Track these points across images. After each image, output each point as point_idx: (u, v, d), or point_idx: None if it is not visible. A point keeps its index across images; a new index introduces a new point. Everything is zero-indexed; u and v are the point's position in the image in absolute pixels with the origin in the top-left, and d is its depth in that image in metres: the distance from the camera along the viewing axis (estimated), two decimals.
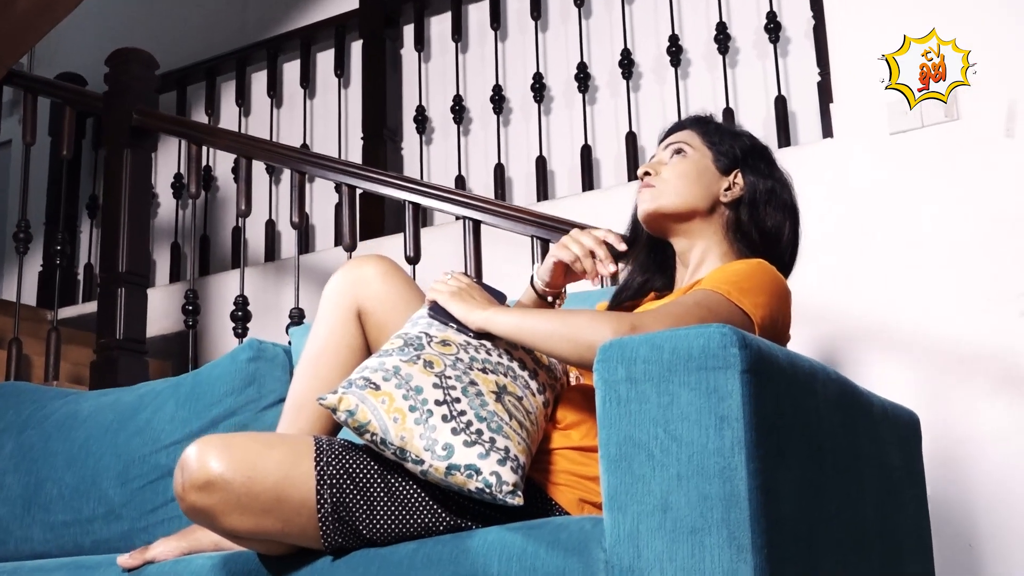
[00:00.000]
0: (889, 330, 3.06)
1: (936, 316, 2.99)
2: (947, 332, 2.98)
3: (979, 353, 2.95)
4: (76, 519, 2.34)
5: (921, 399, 2.98)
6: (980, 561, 2.89)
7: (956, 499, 2.95)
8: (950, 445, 2.96)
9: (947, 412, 2.96)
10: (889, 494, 1.80)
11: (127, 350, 3.16)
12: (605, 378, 1.39)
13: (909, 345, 3.02)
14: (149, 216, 3.42)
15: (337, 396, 1.49)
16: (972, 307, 2.96)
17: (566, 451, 1.64)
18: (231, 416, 2.32)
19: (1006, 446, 2.89)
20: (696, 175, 1.82)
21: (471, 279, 1.76)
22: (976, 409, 2.93)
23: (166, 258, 4.91)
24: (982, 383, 2.94)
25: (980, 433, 2.92)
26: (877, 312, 3.07)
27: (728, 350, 1.32)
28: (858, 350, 3.10)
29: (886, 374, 3.02)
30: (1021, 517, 2.85)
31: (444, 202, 2.75)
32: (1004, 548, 2.87)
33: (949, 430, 2.95)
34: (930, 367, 3.00)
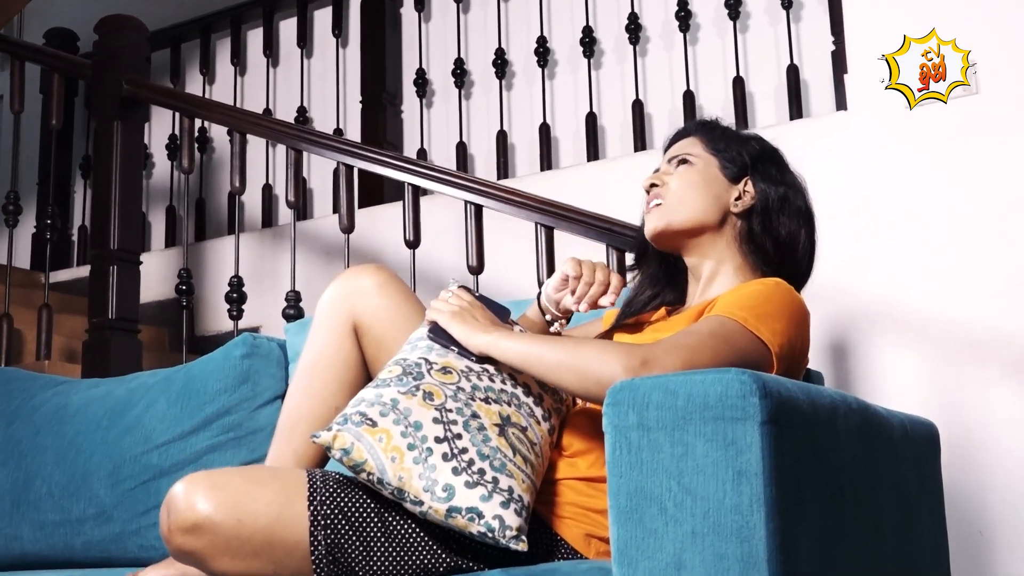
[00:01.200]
0: (901, 312, 2.99)
1: (949, 298, 2.92)
2: (960, 315, 2.91)
3: (993, 337, 2.88)
4: (66, 519, 2.28)
5: (933, 384, 2.92)
6: (990, 549, 2.84)
7: (967, 486, 2.89)
8: (962, 432, 2.90)
9: (959, 398, 2.91)
10: (907, 518, 1.73)
11: (120, 330, 3.08)
12: (615, 423, 1.30)
13: (921, 328, 2.95)
14: (141, 191, 3.31)
15: (331, 434, 1.42)
16: (986, 290, 2.89)
17: (572, 481, 1.56)
18: (225, 415, 2.24)
19: (1018, 433, 2.83)
20: (704, 185, 1.72)
21: (472, 295, 1.67)
22: (989, 395, 2.87)
23: (161, 221, 4.82)
24: (995, 368, 2.88)
25: (992, 420, 2.86)
26: (889, 293, 3.00)
27: (748, 399, 1.24)
28: (869, 332, 3.03)
29: (897, 359, 2.96)
30: None
31: (445, 184, 2.65)
32: (1015, 536, 2.82)
33: (961, 416, 2.90)
34: (942, 351, 2.93)
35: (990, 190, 2.88)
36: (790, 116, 3.42)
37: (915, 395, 2.94)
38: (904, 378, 2.95)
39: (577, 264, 1.66)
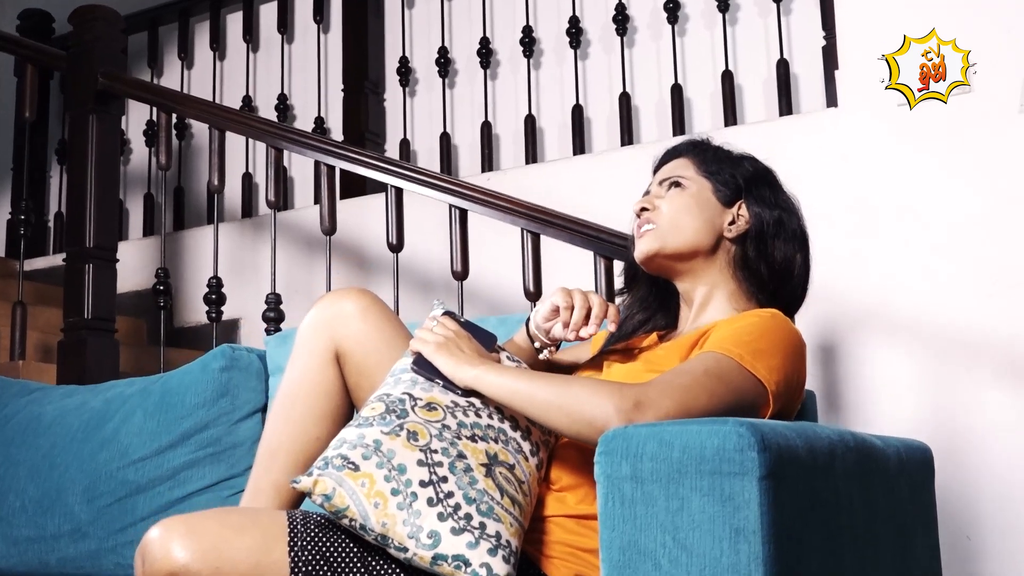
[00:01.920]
0: (893, 312, 2.96)
1: (942, 299, 2.89)
2: (953, 316, 2.88)
3: (985, 339, 2.85)
4: (40, 535, 2.23)
5: (924, 386, 2.89)
6: (978, 554, 2.82)
7: (956, 490, 2.87)
8: (951, 434, 2.87)
9: (950, 399, 2.88)
10: (903, 548, 1.70)
11: (96, 330, 3.01)
12: (608, 473, 1.26)
13: (913, 329, 2.92)
14: (118, 187, 3.24)
15: (312, 479, 1.36)
16: (980, 291, 2.86)
17: (561, 519, 1.51)
18: (203, 430, 2.19)
19: (1010, 437, 2.81)
20: (697, 210, 1.66)
21: (458, 322, 1.62)
22: (980, 397, 2.85)
23: (139, 209, 4.74)
24: (987, 370, 2.85)
25: (983, 422, 2.84)
26: (881, 293, 2.96)
27: (745, 453, 1.19)
28: (860, 332, 2.99)
29: (888, 359, 2.93)
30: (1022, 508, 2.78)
31: (429, 187, 2.59)
32: (1003, 540, 2.80)
33: (951, 418, 2.87)
34: (934, 352, 2.90)
35: (984, 190, 2.84)
36: (780, 112, 3.37)
37: (906, 397, 2.91)
38: (895, 379, 2.92)
39: (568, 295, 1.60)
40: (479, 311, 3.32)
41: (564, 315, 1.60)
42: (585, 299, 1.59)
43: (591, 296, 1.60)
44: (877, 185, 2.94)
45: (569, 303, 1.59)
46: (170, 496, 2.16)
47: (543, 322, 1.65)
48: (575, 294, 1.60)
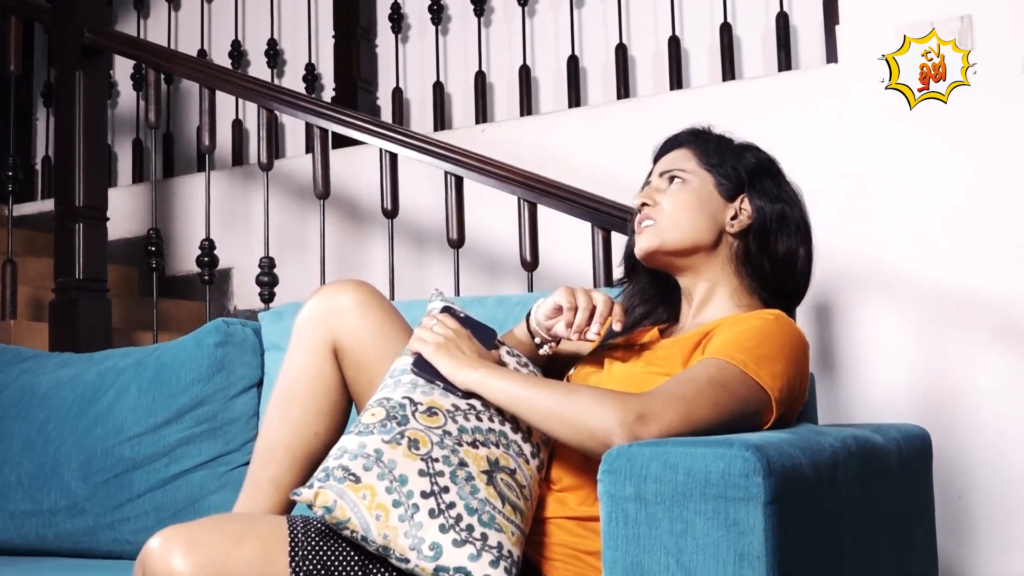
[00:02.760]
0: (888, 274, 2.95)
1: (939, 262, 2.88)
2: (949, 279, 2.88)
3: (981, 303, 2.85)
4: (37, 509, 2.23)
5: (918, 348, 2.89)
6: (969, 513, 2.85)
7: (948, 450, 2.89)
8: (944, 397, 2.89)
9: (944, 363, 2.89)
10: (900, 541, 1.71)
11: (87, 290, 2.99)
12: (611, 492, 1.25)
13: (908, 291, 2.92)
14: (106, 144, 3.19)
15: (313, 491, 1.35)
16: (975, 254, 2.86)
17: (562, 520, 1.51)
18: (198, 406, 2.18)
19: (1002, 399, 2.83)
20: (699, 206, 1.64)
21: (458, 318, 1.60)
22: (974, 361, 2.86)
23: (128, 154, 4.68)
24: (981, 334, 2.86)
25: (976, 386, 2.85)
26: (877, 254, 2.96)
27: (751, 479, 1.18)
28: (856, 293, 2.99)
29: (884, 321, 2.93)
30: (1013, 471, 2.81)
31: (424, 153, 2.55)
32: (995, 501, 2.83)
33: (944, 381, 2.88)
34: (929, 315, 2.90)
35: (984, 154, 2.82)
36: (778, 67, 3.32)
37: (899, 359, 2.92)
38: (889, 341, 2.93)
39: (571, 295, 1.58)
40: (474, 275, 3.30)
41: (567, 316, 1.58)
42: (589, 300, 1.57)
43: (595, 296, 1.58)
44: (876, 146, 2.91)
45: (573, 304, 1.57)
46: (166, 473, 2.16)
47: (545, 320, 1.63)
48: (579, 294, 1.58)
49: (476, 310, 2.05)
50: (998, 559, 2.82)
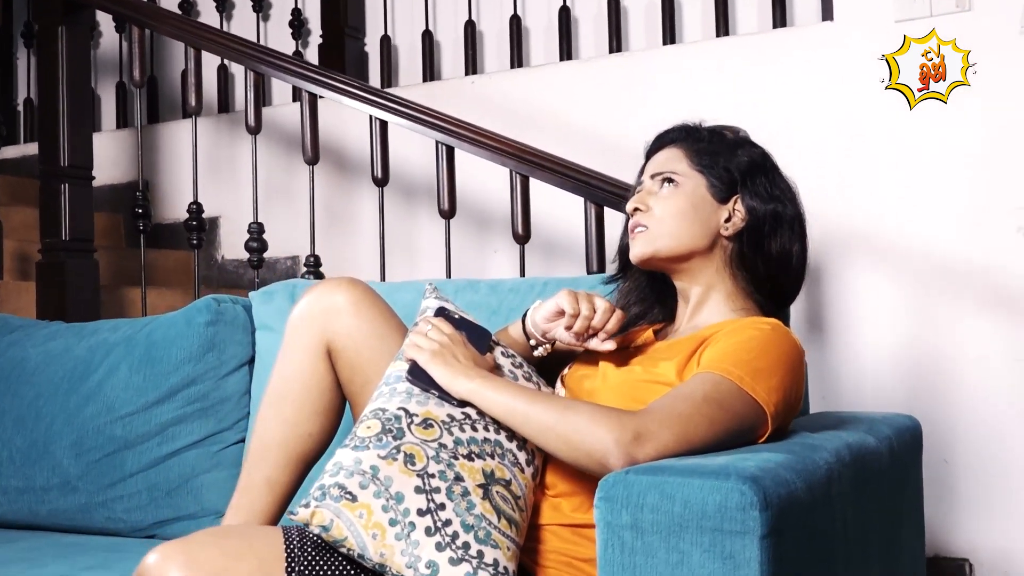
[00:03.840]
0: (879, 239, 2.95)
1: (928, 226, 2.88)
2: (938, 244, 2.88)
3: (969, 269, 2.86)
4: (30, 486, 2.23)
5: (907, 313, 2.90)
6: (954, 477, 2.89)
7: (936, 415, 2.92)
8: (931, 362, 2.91)
9: (932, 328, 2.90)
10: (890, 540, 1.72)
11: (74, 251, 2.96)
12: (608, 520, 1.25)
13: (898, 256, 2.92)
14: (91, 102, 3.14)
15: (309, 511, 1.35)
16: (967, 220, 2.85)
17: (556, 528, 1.52)
18: (190, 385, 2.18)
19: (989, 365, 2.85)
20: (692, 211, 1.62)
21: (452, 320, 1.59)
22: (962, 326, 2.87)
23: (111, 97, 4.61)
24: (969, 300, 2.87)
25: (964, 352, 2.87)
26: (867, 218, 2.96)
27: (747, 513, 1.19)
28: (845, 256, 2.99)
29: (872, 285, 2.94)
30: (998, 437, 2.84)
31: (415, 122, 2.51)
32: (979, 466, 2.87)
33: (932, 347, 2.90)
34: (918, 281, 2.91)
35: (978, 115, 2.80)
36: (773, 23, 3.28)
37: (887, 323, 2.93)
38: (878, 305, 2.94)
39: (574, 300, 1.57)
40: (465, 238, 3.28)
41: (569, 321, 1.57)
42: (591, 306, 1.56)
43: (597, 302, 1.57)
44: (869, 107, 2.89)
45: (576, 310, 1.56)
46: (159, 452, 2.16)
47: (543, 322, 1.62)
48: (582, 300, 1.57)
49: (468, 296, 2.04)
50: (983, 520, 2.86)
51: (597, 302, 1.57)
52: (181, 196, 4.06)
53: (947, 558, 2.88)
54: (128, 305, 3.30)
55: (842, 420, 1.78)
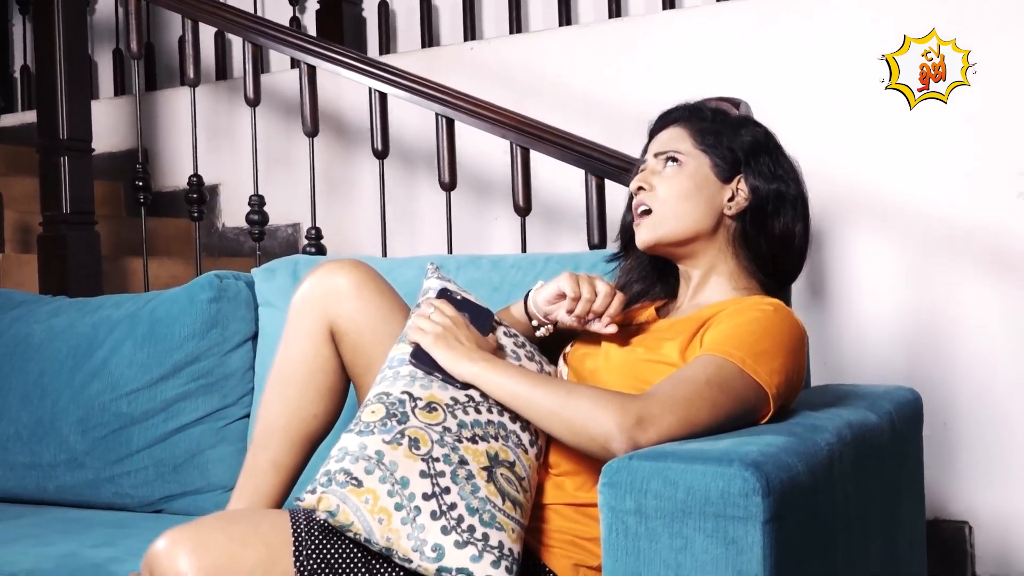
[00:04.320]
0: (880, 202, 2.96)
1: (929, 190, 2.89)
2: (939, 208, 2.89)
3: (970, 233, 2.87)
4: (37, 463, 2.25)
5: (907, 276, 2.92)
6: (954, 440, 2.91)
7: (936, 379, 2.94)
8: (932, 327, 2.92)
9: (932, 291, 2.92)
10: (891, 516, 1.74)
11: (75, 223, 2.96)
12: (611, 505, 1.27)
13: (899, 219, 2.93)
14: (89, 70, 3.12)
15: (316, 496, 1.37)
16: (968, 183, 2.86)
17: (560, 507, 1.53)
18: (194, 362, 2.19)
19: (988, 329, 2.86)
20: (696, 191, 1.62)
21: (454, 301, 1.60)
22: (962, 290, 2.89)
23: (108, 64, 4.58)
24: (971, 264, 2.88)
25: (965, 316, 2.89)
26: (868, 180, 2.97)
27: (750, 499, 1.20)
28: (846, 219, 3.00)
29: (873, 248, 2.95)
30: (997, 399, 2.86)
31: (414, 94, 2.51)
32: (980, 429, 2.89)
33: (932, 310, 2.92)
34: (919, 244, 2.92)
35: (982, 81, 2.80)
36: None
37: (887, 286, 2.94)
38: (878, 268, 2.95)
39: (575, 283, 1.57)
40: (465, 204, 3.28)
41: (570, 304, 1.57)
42: (592, 289, 1.56)
43: (599, 285, 1.57)
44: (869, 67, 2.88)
45: (577, 293, 1.56)
46: (164, 428, 2.18)
47: (545, 304, 1.63)
48: (583, 283, 1.57)
49: (471, 272, 2.05)
50: (982, 483, 2.88)
51: (598, 285, 1.57)
52: (180, 164, 4.05)
53: (947, 521, 2.91)
54: (130, 276, 3.31)
55: (843, 395, 1.79)
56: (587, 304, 1.56)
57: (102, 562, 1.76)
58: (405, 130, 3.36)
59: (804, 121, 3.00)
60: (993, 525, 2.87)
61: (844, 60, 2.92)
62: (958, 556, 2.87)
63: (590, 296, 1.56)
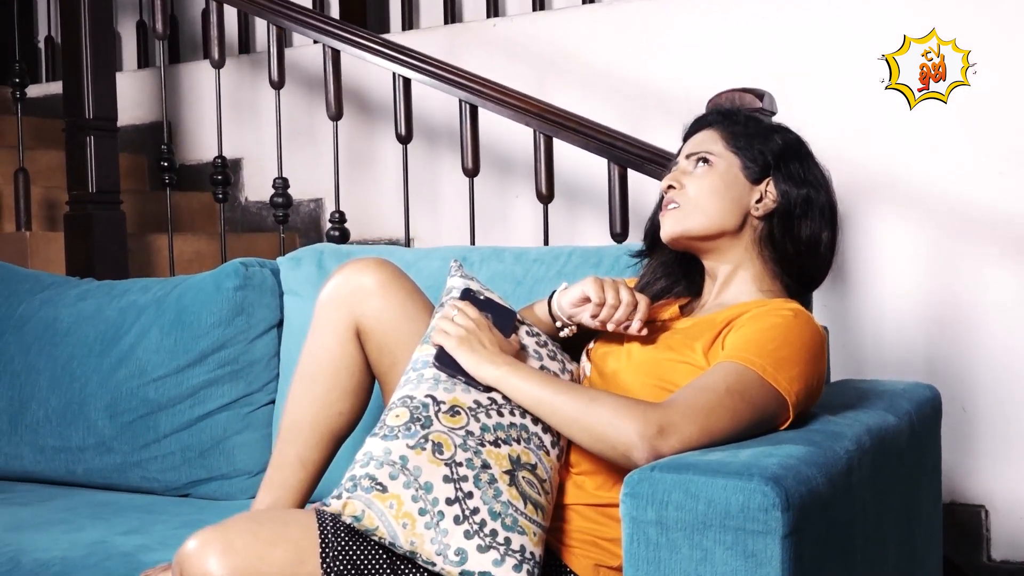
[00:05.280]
0: (902, 186, 2.96)
1: (953, 174, 2.89)
2: (963, 192, 2.89)
3: (993, 216, 2.87)
4: (66, 446, 2.29)
5: (929, 260, 2.92)
6: (972, 424, 2.93)
7: (954, 363, 2.95)
8: (953, 310, 2.93)
9: (954, 276, 2.92)
10: (909, 512, 1.76)
11: (102, 203, 2.99)
12: (633, 515, 1.29)
13: (921, 203, 2.94)
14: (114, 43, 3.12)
15: (341, 502, 1.40)
16: (990, 167, 2.86)
17: (580, 507, 1.56)
18: (220, 349, 2.22)
19: (1010, 313, 2.87)
20: (724, 190, 1.63)
21: (478, 301, 1.62)
22: (984, 274, 2.89)
23: (132, 36, 4.59)
24: (993, 248, 2.88)
25: (985, 299, 2.89)
26: (891, 164, 2.97)
27: (770, 513, 1.22)
28: (869, 203, 3.00)
29: (895, 232, 2.95)
30: (1017, 384, 2.87)
31: (439, 80, 2.51)
32: (998, 413, 2.90)
33: (954, 294, 2.92)
34: (941, 228, 2.93)
35: (1002, 64, 2.78)
36: None
37: (909, 269, 2.95)
38: (900, 252, 2.95)
39: (600, 288, 1.59)
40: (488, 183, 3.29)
41: (594, 310, 1.59)
42: (617, 296, 1.58)
43: (623, 291, 1.59)
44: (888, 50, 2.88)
45: (602, 299, 1.58)
46: (191, 414, 2.21)
47: (569, 307, 1.64)
48: (607, 289, 1.58)
49: (494, 265, 2.06)
50: (999, 467, 2.90)
51: (622, 293, 1.58)
52: (204, 137, 4.07)
53: (963, 504, 2.93)
54: (155, 253, 3.34)
55: (862, 395, 1.80)
56: (611, 310, 1.58)
57: (131, 551, 1.79)
58: (428, 109, 3.37)
59: (824, 101, 3.00)
60: (1009, 509, 2.88)
61: (869, 41, 2.90)
62: (974, 540, 2.90)
63: (614, 302, 1.57)
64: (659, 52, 3.23)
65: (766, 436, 1.46)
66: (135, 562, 1.74)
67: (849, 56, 2.94)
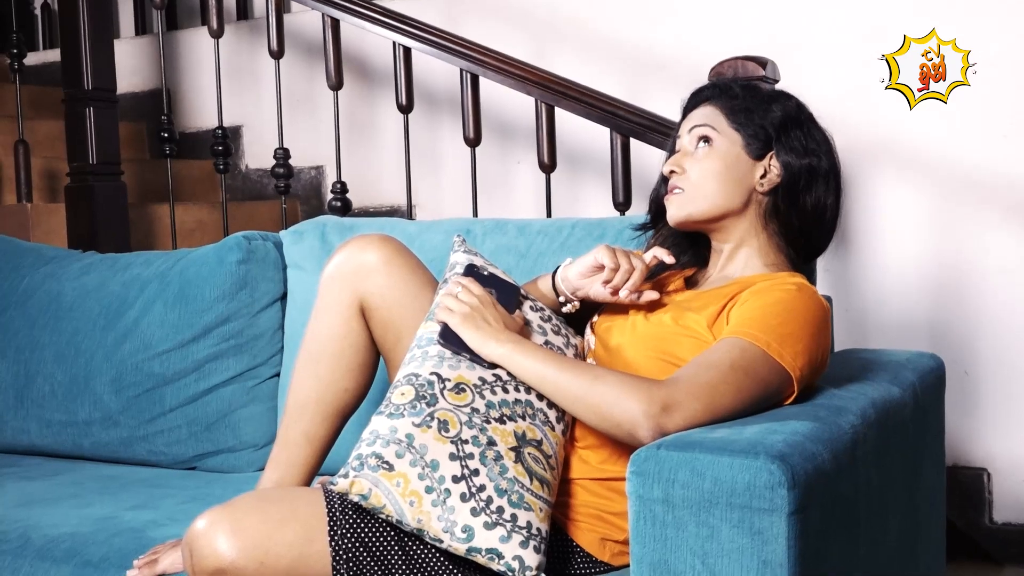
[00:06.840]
0: (904, 150, 2.96)
1: (955, 137, 2.88)
2: (964, 155, 2.89)
3: (995, 181, 2.87)
4: (72, 420, 2.30)
5: (931, 224, 2.92)
6: (974, 387, 2.94)
7: (957, 327, 2.95)
8: (955, 274, 2.93)
9: (956, 240, 2.93)
10: (911, 484, 1.77)
11: (102, 175, 2.98)
12: (639, 493, 1.29)
13: (924, 167, 2.93)
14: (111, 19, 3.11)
15: (348, 480, 1.40)
16: (993, 131, 2.86)
17: (586, 481, 1.57)
18: (224, 323, 2.23)
19: (1012, 279, 2.88)
20: (726, 171, 1.62)
21: (481, 277, 1.62)
22: (985, 239, 2.90)
23: (129, 3, 4.55)
24: (994, 213, 2.88)
25: (987, 264, 2.90)
26: (893, 127, 2.96)
27: (776, 491, 1.22)
28: (872, 166, 3.00)
29: (897, 195, 2.95)
30: (1019, 348, 2.88)
31: (439, 49, 2.49)
32: (1000, 377, 2.91)
33: (956, 259, 2.93)
34: (943, 192, 2.93)
35: (1005, 29, 2.77)
36: None
37: (912, 234, 2.95)
38: (902, 216, 2.95)
39: (613, 255, 1.59)
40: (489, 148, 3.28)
41: (609, 274, 1.59)
42: (630, 263, 1.59)
43: (634, 259, 1.60)
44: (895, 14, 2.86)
45: (616, 264, 1.58)
46: (196, 388, 2.22)
47: (577, 279, 1.64)
48: (619, 254, 1.59)
49: (497, 238, 2.06)
50: (1001, 430, 2.91)
51: (634, 259, 1.59)
52: (203, 104, 4.06)
53: (966, 467, 2.94)
54: (156, 222, 3.33)
55: (866, 366, 1.80)
56: (625, 275, 1.58)
57: (140, 526, 1.80)
58: (429, 77, 3.35)
59: (827, 64, 2.98)
60: (1012, 472, 2.90)
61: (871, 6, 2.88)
62: (976, 502, 2.92)
63: (628, 267, 1.58)
64: (661, 18, 3.21)
65: (771, 412, 1.46)
66: (144, 538, 1.74)
67: (852, 15, 2.92)
